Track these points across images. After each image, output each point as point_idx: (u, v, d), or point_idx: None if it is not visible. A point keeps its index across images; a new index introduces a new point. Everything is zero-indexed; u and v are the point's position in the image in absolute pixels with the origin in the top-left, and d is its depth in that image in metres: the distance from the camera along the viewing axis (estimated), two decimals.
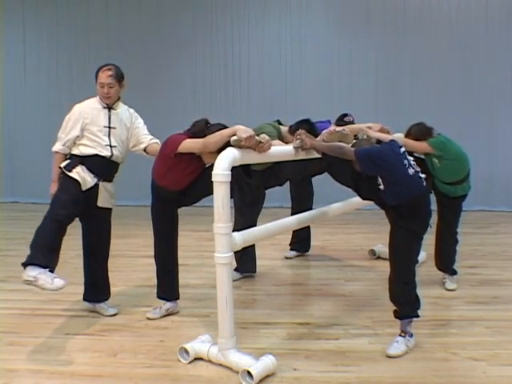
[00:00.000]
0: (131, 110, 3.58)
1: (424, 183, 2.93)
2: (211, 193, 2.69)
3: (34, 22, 8.74)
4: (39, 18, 8.72)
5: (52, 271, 2.95)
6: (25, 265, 2.94)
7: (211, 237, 2.75)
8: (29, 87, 8.77)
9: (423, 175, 2.95)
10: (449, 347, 3.00)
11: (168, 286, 3.52)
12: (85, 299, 3.62)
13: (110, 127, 3.39)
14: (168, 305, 3.53)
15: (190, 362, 2.83)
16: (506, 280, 4.29)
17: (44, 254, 2.98)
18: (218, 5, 8.30)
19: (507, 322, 3.37)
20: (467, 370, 2.74)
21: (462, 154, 3.80)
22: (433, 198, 3.40)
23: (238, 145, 2.74)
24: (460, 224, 4.07)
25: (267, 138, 2.88)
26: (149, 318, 3.47)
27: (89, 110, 3.37)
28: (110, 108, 3.41)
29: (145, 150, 3.58)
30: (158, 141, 3.59)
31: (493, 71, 7.67)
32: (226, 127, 3.02)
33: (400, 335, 2.98)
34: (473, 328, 3.29)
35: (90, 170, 3.33)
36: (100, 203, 3.40)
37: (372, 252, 5.06)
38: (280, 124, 3.95)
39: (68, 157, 3.40)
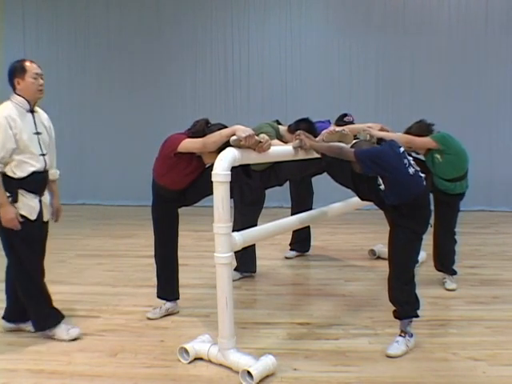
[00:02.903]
0: (45, 114, 3.21)
1: (424, 182, 2.93)
2: (211, 193, 2.69)
3: (33, 22, 8.74)
4: (39, 19, 8.72)
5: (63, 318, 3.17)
6: (39, 329, 3.14)
7: (211, 237, 2.75)
8: None
9: (423, 174, 2.95)
10: (449, 347, 3.00)
11: (168, 286, 3.52)
12: (8, 320, 3.27)
13: (38, 133, 3.02)
14: (168, 305, 3.53)
15: (190, 362, 2.83)
16: (506, 280, 4.29)
17: (46, 312, 3.12)
18: (218, 5, 8.31)
19: (507, 322, 3.37)
20: (467, 370, 2.73)
21: (462, 149, 3.84)
22: (431, 197, 3.40)
23: (237, 145, 2.74)
24: (460, 224, 4.08)
25: (267, 137, 2.88)
26: (149, 318, 3.47)
27: (15, 116, 2.92)
28: (32, 111, 3.04)
29: None
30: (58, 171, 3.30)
31: (493, 71, 7.68)
32: (225, 127, 3.01)
33: (400, 335, 2.97)
34: (473, 328, 3.29)
35: (31, 191, 2.98)
36: (45, 218, 3.14)
37: (372, 252, 5.06)
38: (279, 124, 3.94)
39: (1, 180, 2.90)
